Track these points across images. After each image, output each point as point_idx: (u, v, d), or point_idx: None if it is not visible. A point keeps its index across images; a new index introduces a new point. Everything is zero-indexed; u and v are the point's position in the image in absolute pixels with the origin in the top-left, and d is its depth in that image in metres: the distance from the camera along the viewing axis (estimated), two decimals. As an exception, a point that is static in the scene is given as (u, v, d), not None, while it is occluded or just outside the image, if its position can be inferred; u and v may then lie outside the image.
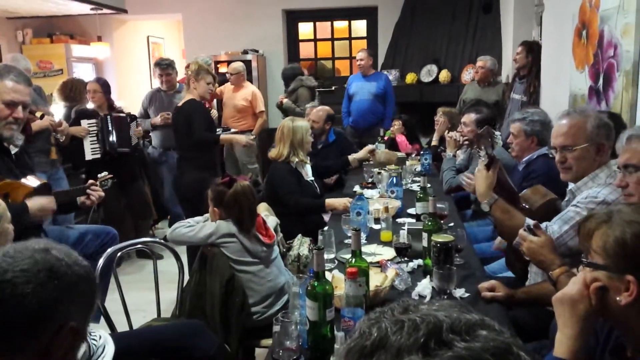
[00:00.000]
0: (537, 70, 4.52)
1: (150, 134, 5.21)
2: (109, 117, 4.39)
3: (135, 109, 5.25)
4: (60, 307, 1.01)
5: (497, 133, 2.08)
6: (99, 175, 2.65)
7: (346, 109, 5.94)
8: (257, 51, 7.05)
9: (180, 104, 3.93)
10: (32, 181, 2.38)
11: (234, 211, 2.46)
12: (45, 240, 1.09)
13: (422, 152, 4.33)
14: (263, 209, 2.96)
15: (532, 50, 4.60)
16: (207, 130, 3.89)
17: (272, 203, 3.21)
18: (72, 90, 4.89)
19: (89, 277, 1.08)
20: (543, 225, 1.98)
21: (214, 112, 5.13)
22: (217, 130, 4.68)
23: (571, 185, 2.14)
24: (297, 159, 3.48)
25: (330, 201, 3.30)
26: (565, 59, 3.58)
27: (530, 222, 1.89)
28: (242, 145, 4.48)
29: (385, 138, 5.26)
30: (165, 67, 5.05)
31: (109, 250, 2.37)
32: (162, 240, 2.65)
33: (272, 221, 2.80)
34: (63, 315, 1.01)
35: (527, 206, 2.21)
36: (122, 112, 4.69)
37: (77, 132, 4.32)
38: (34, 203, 2.31)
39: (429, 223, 2.27)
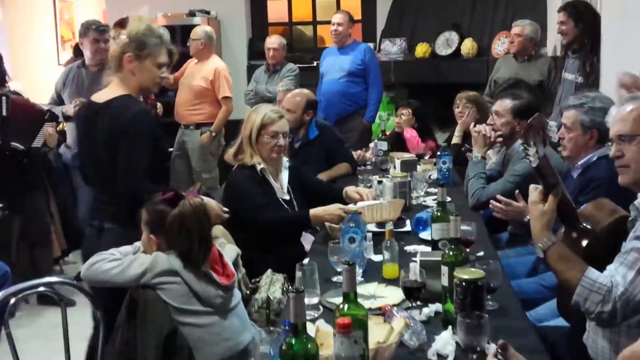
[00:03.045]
0: (592, 42, 4.56)
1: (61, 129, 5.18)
2: (3, 97, 4.32)
3: (34, 93, 5.19)
4: None
5: (552, 123, 2.08)
6: None
7: (319, 95, 5.88)
8: (207, 12, 7.06)
9: (99, 99, 2.97)
10: None
11: (180, 240, 2.46)
12: None
13: (439, 153, 4.32)
14: (218, 233, 2.95)
15: (581, 16, 4.59)
16: (156, 171, 2.96)
17: (231, 225, 3.20)
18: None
19: None
20: (606, 274, 2.00)
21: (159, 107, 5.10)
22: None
23: (638, 199, 2.16)
24: (260, 164, 3.44)
25: (316, 211, 3.28)
26: (635, 26, 3.61)
27: (493, 347, 1.82)
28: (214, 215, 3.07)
29: (387, 133, 5.25)
30: (102, 30, 4.93)
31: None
32: (74, 281, 2.63)
33: (230, 251, 2.80)
34: None
35: (588, 226, 2.24)
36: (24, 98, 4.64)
37: None
38: None
39: (450, 253, 2.27)
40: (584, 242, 2.25)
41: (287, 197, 3.54)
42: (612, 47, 4.30)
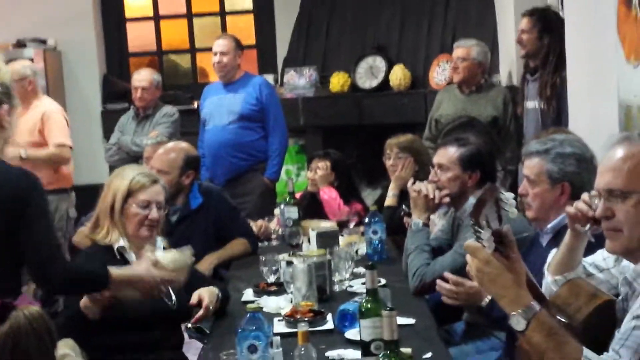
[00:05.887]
0: (557, 60, 4.76)
1: None
2: None
3: None
4: None
5: (509, 195, 2.04)
6: None
7: (201, 148, 5.96)
8: (44, 42, 7.14)
9: None
10: None
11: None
12: None
13: (367, 220, 4.39)
14: (64, 348, 2.93)
15: (549, 27, 4.86)
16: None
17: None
18: None
19: None
20: (605, 358, 2.02)
21: None
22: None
23: (628, 272, 2.21)
24: (118, 241, 3.39)
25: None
26: (607, 43, 3.72)
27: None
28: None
29: (298, 195, 5.26)
30: None
31: None
32: None
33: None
34: None
35: (562, 319, 2.21)
36: None
37: None
38: None
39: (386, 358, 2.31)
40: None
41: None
42: (581, 68, 4.42)
